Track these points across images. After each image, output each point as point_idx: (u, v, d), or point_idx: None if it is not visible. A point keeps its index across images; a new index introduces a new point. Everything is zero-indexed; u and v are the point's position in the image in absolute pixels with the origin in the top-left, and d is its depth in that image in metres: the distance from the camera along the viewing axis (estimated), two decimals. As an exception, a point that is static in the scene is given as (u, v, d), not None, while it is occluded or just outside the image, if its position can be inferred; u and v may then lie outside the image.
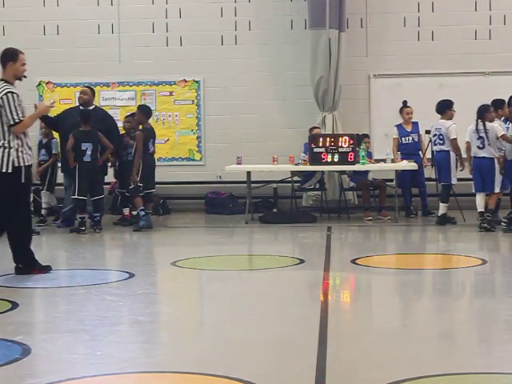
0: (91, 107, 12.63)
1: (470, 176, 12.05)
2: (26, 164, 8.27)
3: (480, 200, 11.62)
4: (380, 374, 4.86)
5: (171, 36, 14.97)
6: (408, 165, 12.87)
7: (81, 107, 12.60)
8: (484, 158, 11.62)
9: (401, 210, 13.24)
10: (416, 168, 12.95)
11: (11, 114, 8.14)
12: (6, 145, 8.18)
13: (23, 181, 8.23)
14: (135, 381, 4.98)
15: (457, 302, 7.34)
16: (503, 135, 11.49)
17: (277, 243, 11.51)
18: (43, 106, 9.02)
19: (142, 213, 12.07)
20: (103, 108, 13.65)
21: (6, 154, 8.18)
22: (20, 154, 8.20)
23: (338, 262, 9.53)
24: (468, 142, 11.85)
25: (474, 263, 8.97)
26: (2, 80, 8.36)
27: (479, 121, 11.63)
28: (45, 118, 12.40)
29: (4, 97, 8.18)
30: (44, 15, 15.02)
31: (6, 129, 8.19)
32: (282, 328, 6.16)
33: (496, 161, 11.60)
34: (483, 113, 11.64)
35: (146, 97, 14.99)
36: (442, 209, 12.28)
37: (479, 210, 11.60)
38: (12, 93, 8.20)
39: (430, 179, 13.40)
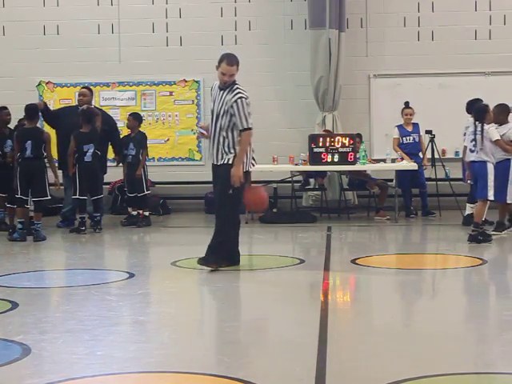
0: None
1: None
2: (247, 170, 8.55)
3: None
4: (380, 374, 4.86)
5: (171, 36, 14.97)
6: (408, 165, 12.87)
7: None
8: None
9: (401, 210, 13.25)
10: (416, 168, 12.95)
11: (241, 120, 8.39)
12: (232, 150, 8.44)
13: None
14: (135, 381, 4.98)
15: (457, 302, 7.33)
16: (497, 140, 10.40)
17: (277, 243, 11.52)
18: None
19: (19, 225, 11.16)
20: (102, 108, 13.65)
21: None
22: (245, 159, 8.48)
23: (338, 261, 9.52)
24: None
25: (473, 263, 8.97)
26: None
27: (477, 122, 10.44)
28: (44, 110, 12.32)
29: (234, 104, 8.34)
30: (44, 15, 15.03)
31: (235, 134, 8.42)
32: (282, 328, 6.16)
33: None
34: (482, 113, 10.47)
35: (146, 97, 15.01)
36: (468, 209, 12.05)
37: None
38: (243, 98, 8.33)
39: (429, 179, 13.41)
